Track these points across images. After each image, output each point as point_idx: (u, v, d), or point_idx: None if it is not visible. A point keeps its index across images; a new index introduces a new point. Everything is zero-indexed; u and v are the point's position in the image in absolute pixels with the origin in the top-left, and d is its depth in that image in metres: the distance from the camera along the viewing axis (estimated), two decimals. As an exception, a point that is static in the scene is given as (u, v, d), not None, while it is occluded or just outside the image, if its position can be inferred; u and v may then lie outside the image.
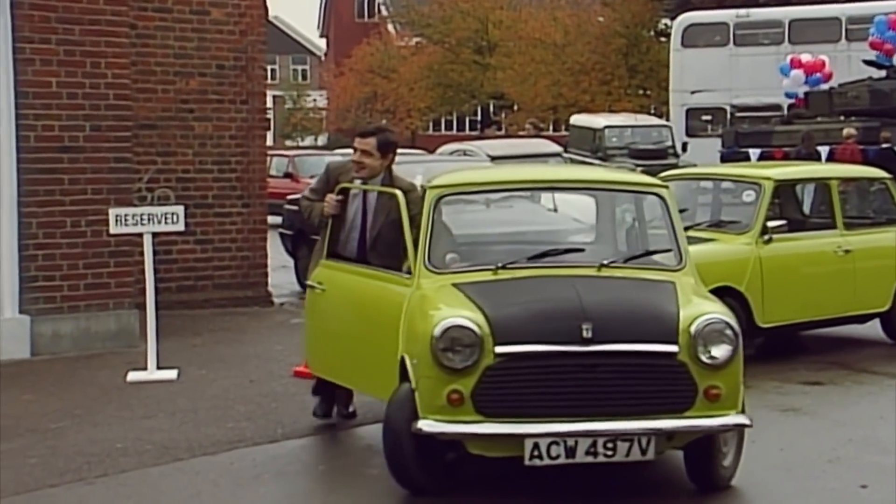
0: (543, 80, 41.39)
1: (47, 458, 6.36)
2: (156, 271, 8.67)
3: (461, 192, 6.42)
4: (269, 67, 16.97)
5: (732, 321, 5.41)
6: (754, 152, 20.74)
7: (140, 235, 8.53)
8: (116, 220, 8.39)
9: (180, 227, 8.57)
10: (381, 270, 6.28)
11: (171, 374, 8.31)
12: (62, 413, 7.36)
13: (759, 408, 7.67)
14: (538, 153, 16.35)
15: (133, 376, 8.26)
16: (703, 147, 23.59)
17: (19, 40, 8.98)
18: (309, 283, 6.84)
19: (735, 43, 27.21)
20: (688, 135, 26.09)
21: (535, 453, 5.16)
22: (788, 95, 23.37)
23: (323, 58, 61.86)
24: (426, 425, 5.23)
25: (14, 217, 8.98)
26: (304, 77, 61.17)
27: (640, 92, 41.09)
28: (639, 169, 20.44)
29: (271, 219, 12.69)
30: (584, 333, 5.24)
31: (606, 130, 24.63)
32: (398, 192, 6.21)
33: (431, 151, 19.16)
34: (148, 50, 11.19)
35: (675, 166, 18.24)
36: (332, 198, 6.67)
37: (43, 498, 5.75)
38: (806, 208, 10.63)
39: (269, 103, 15.61)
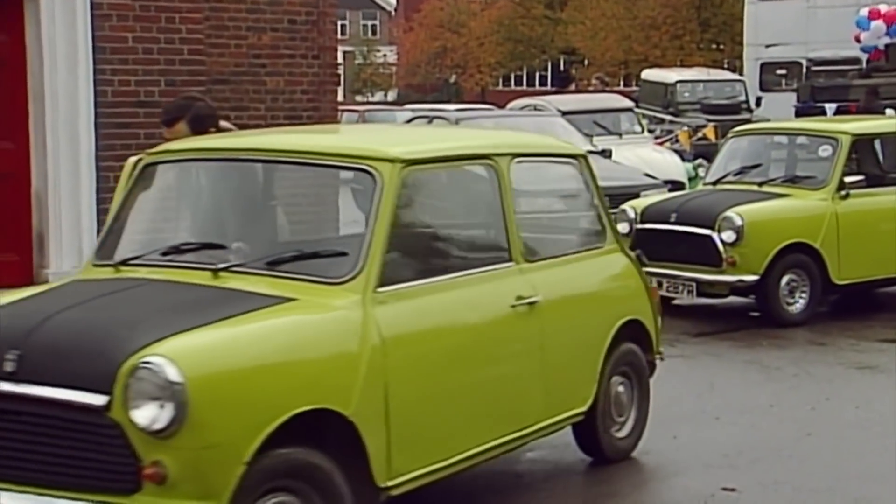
0: (614, 34, 41.02)
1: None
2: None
3: (167, 161, 4.98)
4: (339, 23, 17.00)
5: (175, 370, 3.62)
6: (830, 107, 20.38)
7: (214, 189, 8.64)
8: (191, 174, 8.50)
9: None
10: None
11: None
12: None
13: (835, 365, 7.63)
14: (609, 108, 16.25)
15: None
16: (778, 102, 23.21)
17: (96, -5, 9.10)
18: None
19: (812, -6, 26.66)
20: (762, 89, 25.68)
21: None
22: (864, 50, 22.86)
23: (393, 13, 61.72)
24: None
25: (92, 171, 9.14)
26: (375, 32, 61.12)
27: (713, 46, 40.54)
28: (710, 124, 20.31)
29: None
30: (7, 366, 3.80)
31: (678, 85, 24.32)
32: (129, 161, 5.20)
33: (501, 107, 19.08)
34: (221, 5, 11.23)
35: (748, 121, 17.96)
36: None
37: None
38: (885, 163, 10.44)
39: (340, 59, 15.64)
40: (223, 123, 5.68)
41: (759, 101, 24.14)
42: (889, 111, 16.67)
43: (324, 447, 3.98)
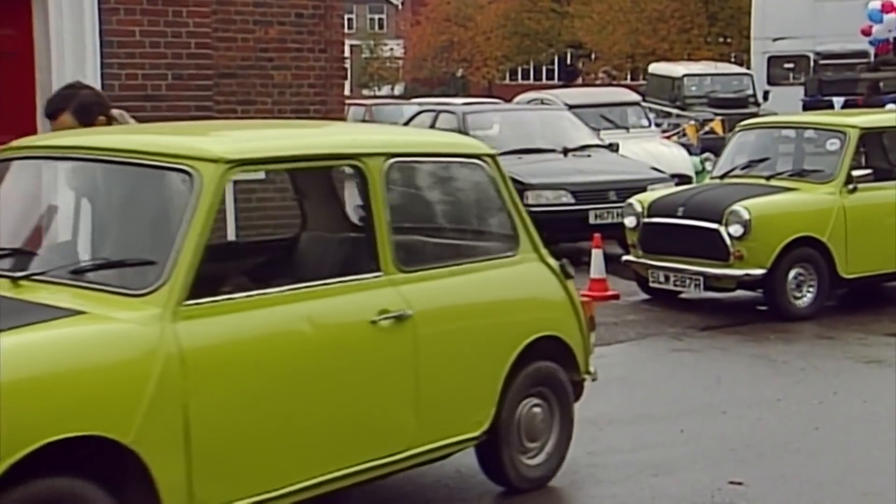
0: (621, 28, 40.99)
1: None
2: (236, 219, 8.78)
3: (8, 160, 4.59)
4: (346, 16, 17.02)
5: None
6: (838, 101, 20.33)
7: (221, 183, 8.64)
8: (198, 168, 8.50)
9: (260, 175, 8.66)
10: None
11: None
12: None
13: (842, 359, 7.62)
14: (616, 102, 16.23)
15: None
16: (786, 96, 23.17)
17: (103, -10, 9.11)
18: None
19: (820, -12, 26.60)
20: (769, 83, 25.64)
21: None
22: (873, 43, 22.79)
23: (400, 6, 61.74)
24: None
25: (99, 165, 9.15)
26: (381, 26, 61.10)
27: (721, 40, 40.49)
28: (718, 118, 20.26)
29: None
30: None
31: (685, 79, 24.30)
32: None
33: (508, 101, 19.07)
34: (228, -2, 11.27)
35: (755, 115, 17.93)
36: None
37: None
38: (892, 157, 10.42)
39: (347, 52, 15.62)
40: (114, 112, 5.41)
41: (766, 95, 24.10)
42: (891, 105, 16.64)
43: (102, 477, 3.56)
